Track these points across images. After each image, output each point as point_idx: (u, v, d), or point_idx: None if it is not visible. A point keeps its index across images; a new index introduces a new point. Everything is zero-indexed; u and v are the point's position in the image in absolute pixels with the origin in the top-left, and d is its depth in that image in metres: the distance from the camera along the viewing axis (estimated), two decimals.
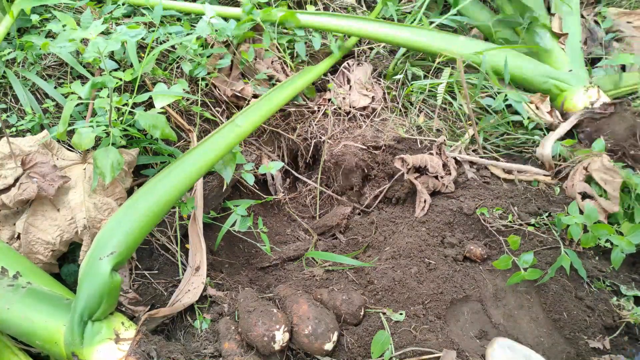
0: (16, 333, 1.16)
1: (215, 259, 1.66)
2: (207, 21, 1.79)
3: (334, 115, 2.06)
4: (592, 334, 1.36)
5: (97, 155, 1.30)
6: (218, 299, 1.41)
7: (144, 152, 1.63)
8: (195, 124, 1.77)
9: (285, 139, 2.07)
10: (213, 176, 1.70)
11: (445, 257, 1.53)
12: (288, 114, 2.06)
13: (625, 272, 1.52)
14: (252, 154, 1.89)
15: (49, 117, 1.58)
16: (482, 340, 1.38)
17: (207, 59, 1.84)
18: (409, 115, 2.08)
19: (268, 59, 2.03)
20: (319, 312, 1.26)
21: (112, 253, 1.17)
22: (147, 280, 1.44)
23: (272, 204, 2.03)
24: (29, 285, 1.19)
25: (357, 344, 1.29)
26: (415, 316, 1.37)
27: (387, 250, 1.61)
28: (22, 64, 1.68)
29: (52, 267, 1.35)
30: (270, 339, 1.19)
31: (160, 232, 1.56)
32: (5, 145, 1.34)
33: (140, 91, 1.72)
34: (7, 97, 1.61)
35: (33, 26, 1.78)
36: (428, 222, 1.67)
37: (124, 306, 1.31)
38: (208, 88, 1.90)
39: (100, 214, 1.34)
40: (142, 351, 1.12)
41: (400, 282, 1.47)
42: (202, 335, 1.31)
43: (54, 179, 1.31)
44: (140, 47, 1.86)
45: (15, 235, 1.31)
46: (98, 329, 1.15)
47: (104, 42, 1.21)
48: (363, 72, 2.18)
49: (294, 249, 1.78)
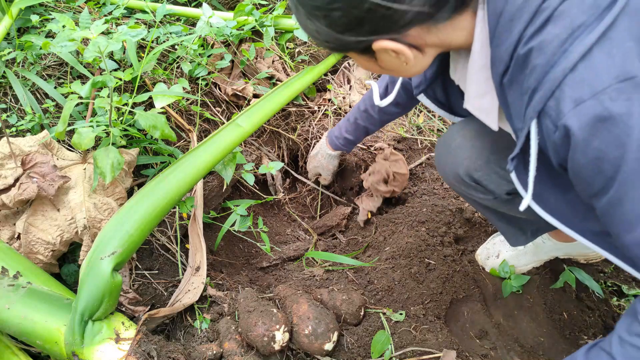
0: (16, 333, 1.16)
1: (215, 259, 1.66)
2: (206, 21, 1.80)
3: (335, 115, 2.06)
4: (593, 334, 1.36)
5: (97, 155, 1.30)
6: (218, 299, 1.41)
7: (144, 152, 1.62)
8: (195, 124, 1.77)
9: (285, 139, 2.07)
10: (213, 176, 1.70)
11: (445, 257, 1.53)
12: (288, 114, 2.06)
13: (626, 272, 1.52)
14: (252, 154, 1.89)
15: (49, 117, 1.58)
16: (482, 340, 1.38)
17: (207, 58, 1.84)
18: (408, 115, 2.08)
19: (268, 58, 2.03)
20: (319, 312, 1.26)
21: (113, 253, 1.17)
22: (147, 280, 1.44)
23: (272, 204, 2.03)
24: (29, 285, 1.19)
25: (357, 344, 1.29)
26: (415, 316, 1.37)
27: (387, 250, 1.61)
28: (22, 64, 1.68)
29: (52, 267, 1.35)
30: (270, 339, 1.19)
31: (160, 232, 1.56)
32: (5, 145, 1.34)
33: (140, 91, 1.72)
34: (7, 97, 1.61)
35: (33, 26, 1.78)
36: (428, 222, 1.67)
37: (124, 306, 1.31)
38: (208, 88, 1.90)
39: (100, 214, 1.34)
40: (142, 351, 1.12)
41: (400, 282, 1.47)
42: (202, 335, 1.31)
43: (54, 179, 1.31)
44: (140, 47, 1.86)
45: (15, 235, 1.31)
46: (98, 329, 1.15)
47: (105, 41, 1.21)
48: (363, 71, 2.18)
49: (294, 249, 1.78)
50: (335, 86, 2.12)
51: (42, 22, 1.78)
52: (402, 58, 0.80)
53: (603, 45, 0.64)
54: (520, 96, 0.75)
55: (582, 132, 0.66)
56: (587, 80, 0.65)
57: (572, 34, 0.66)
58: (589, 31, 0.65)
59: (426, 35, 0.78)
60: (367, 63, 0.87)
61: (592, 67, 0.64)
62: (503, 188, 1.12)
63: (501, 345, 1.33)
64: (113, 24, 1.85)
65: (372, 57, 0.83)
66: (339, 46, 0.81)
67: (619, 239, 0.73)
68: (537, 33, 0.69)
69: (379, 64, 0.85)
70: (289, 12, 2.00)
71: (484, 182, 1.14)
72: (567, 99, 0.66)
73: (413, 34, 0.77)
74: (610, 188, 0.68)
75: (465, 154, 1.15)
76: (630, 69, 0.63)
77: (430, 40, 0.80)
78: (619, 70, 0.63)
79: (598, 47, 0.64)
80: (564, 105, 0.67)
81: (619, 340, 0.77)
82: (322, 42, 0.82)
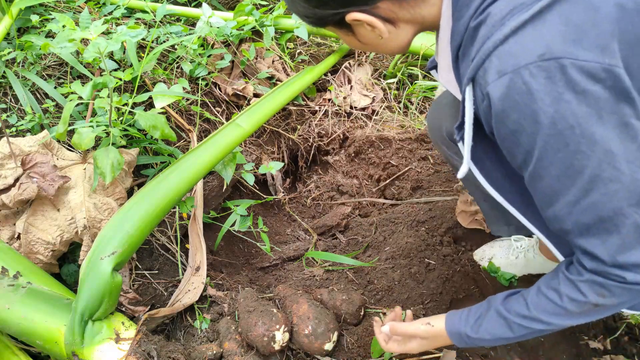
0: (16, 333, 1.16)
1: (215, 259, 1.66)
2: (206, 21, 1.80)
3: (335, 115, 2.06)
4: (593, 335, 1.36)
5: (97, 155, 1.30)
6: (218, 299, 1.41)
7: (144, 152, 1.62)
8: (195, 124, 1.77)
9: (285, 139, 2.07)
10: (213, 176, 1.70)
11: (444, 257, 1.53)
12: (288, 114, 2.06)
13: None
14: (252, 154, 1.89)
15: (49, 117, 1.58)
16: None
17: (207, 58, 1.84)
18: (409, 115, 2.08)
19: (269, 58, 2.03)
20: (319, 312, 1.26)
21: (113, 253, 1.17)
22: (147, 280, 1.44)
23: (272, 204, 2.03)
24: (29, 285, 1.20)
25: (357, 344, 1.29)
26: (415, 316, 1.37)
27: (387, 250, 1.61)
28: (22, 64, 1.68)
29: (52, 267, 1.35)
30: (270, 339, 1.19)
31: (160, 232, 1.56)
32: (5, 145, 1.34)
33: (140, 91, 1.71)
34: (7, 97, 1.61)
35: (33, 26, 1.78)
36: (428, 221, 1.67)
37: (124, 306, 1.31)
38: (208, 88, 1.90)
39: (100, 214, 1.34)
40: (142, 351, 1.12)
41: (400, 282, 1.47)
42: (202, 335, 1.31)
43: (54, 179, 1.31)
44: (140, 47, 1.86)
45: (15, 235, 1.31)
46: (98, 329, 1.15)
47: (105, 42, 1.21)
48: (364, 72, 2.18)
49: (294, 249, 1.78)
50: (336, 86, 2.12)
51: (42, 22, 1.78)
52: (377, 31, 0.84)
53: (536, 24, 0.67)
54: (466, 68, 0.78)
55: (502, 102, 0.69)
56: (513, 54, 0.67)
57: (512, 9, 0.69)
58: (527, 9, 0.67)
59: (398, 10, 0.82)
60: (348, 38, 0.90)
61: (521, 42, 0.67)
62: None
63: (501, 345, 1.33)
64: (113, 24, 1.85)
65: (350, 30, 0.87)
66: (318, 20, 0.86)
67: (543, 213, 0.78)
68: (488, 7, 0.73)
69: (358, 37, 0.89)
70: (289, 12, 2.00)
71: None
72: (492, 69, 0.69)
73: (384, 7, 0.81)
74: (530, 163, 0.72)
75: (451, 111, 1.18)
76: (556, 50, 0.64)
77: (402, 15, 0.83)
78: (544, 49, 0.65)
79: (531, 24, 0.67)
80: (489, 75, 0.70)
81: (536, 291, 0.85)
82: (304, 17, 0.87)
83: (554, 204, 0.74)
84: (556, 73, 0.65)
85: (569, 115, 0.65)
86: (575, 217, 0.73)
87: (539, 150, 0.70)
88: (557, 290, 0.81)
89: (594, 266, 0.75)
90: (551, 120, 0.66)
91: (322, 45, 2.20)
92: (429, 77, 2.13)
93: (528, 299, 0.86)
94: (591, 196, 0.70)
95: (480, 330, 0.91)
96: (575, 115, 0.65)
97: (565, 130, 0.66)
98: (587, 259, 0.76)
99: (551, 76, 0.65)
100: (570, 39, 0.65)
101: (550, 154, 0.69)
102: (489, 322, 0.90)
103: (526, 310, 0.85)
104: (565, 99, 0.65)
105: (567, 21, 0.65)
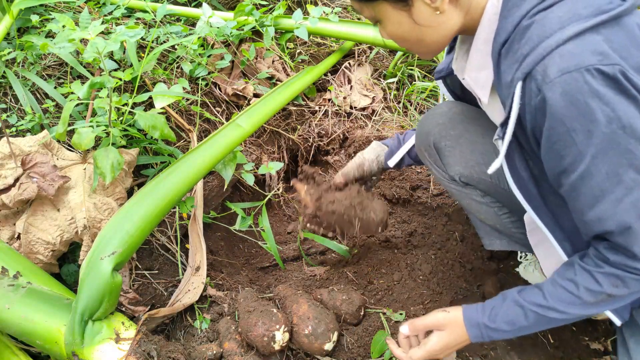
0: (16, 333, 1.16)
1: (215, 259, 1.66)
2: (206, 21, 1.79)
3: (335, 115, 2.06)
4: (595, 337, 1.36)
5: (97, 155, 1.30)
6: (218, 299, 1.41)
7: (144, 152, 1.62)
8: (195, 124, 1.77)
9: (285, 139, 2.07)
10: (213, 176, 1.70)
11: (444, 257, 1.53)
12: (288, 114, 2.06)
13: None
14: (252, 154, 1.89)
15: (49, 117, 1.58)
16: None
17: (207, 58, 1.84)
18: (409, 115, 2.08)
19: (269, 58, 2.03)
20: (319, 312, 1.26)
21: (113, 253, 1.17)
22: (147, 280, 1.44)
23: (272, 204, 2.03)
24: (29, 285, 1.20)
25: (357, 344, 1.29)
26: (415, 316, 1.37)
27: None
28: (22, 64, 1.68)
29: (52, 267, 1.35)
30: (270, 339, 1.19)
31: (160, 232, 1.56)
32: (5, 145, 1.34)
33: (140, 91, 1.71)
34: (7, 97, 1.61)
35: (33, 26, 1.78)
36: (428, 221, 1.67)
37: (124, 306, 1.31)
38: (208, 88, 1.90)
39: (100, 214, 1.34)
40: (142, 351, 1.12)
41: (400, 282, 1.47)
42: (202, 335, 1.31)
43: (54, 179, 1.31)
44: (140, 47, 1.86)
45: (15, 235, 1.31)
46: (98, 329, 1.15)
47: (103, 42, 1.21)
48: (364, 72, 2.18)
49: (294, 249, 1.78)
50: (336, 86, 2.12)
51: (42, 22, 1.78)
52: (438, 2, 0.84)
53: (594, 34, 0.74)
54: (511, 64, 0.82)
55: (563, 99, 0.73)
56: (576, 55, 0.73)
57: (571, 18, 0.75)
58: (585, 20, 0.74)
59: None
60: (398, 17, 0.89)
61: (582, 46, 0.73)
62: (457, 169, 1.15)
63: (501, 345, 1.33)
64: (113, 24, 1.85)
65: (406, 6, 0.87)
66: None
67: (583, 216, 0.82)
68: (543, 11, 0.78)
69: (413, 14, 0.88)
70: (289, 12, 2.00)
71: (445, 153, 1.17)
72: (554, 65, 0.74)
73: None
74: (581, 162, 0.76)
75: (442, 119, 1.20)
76: (612, 58, 0.72)
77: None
78: (604, 55, 0.72)
79: (590, 32, 0.74)
80: (551, 71, 0.74)
81: (552, 281, 0.91)
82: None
83: (599, 203, 0.78)
84: (614, 77, 0.72)
85: (622, 115, 0.72)
86: (620, 217, 0.77)
87: (595, 147, 0.74)
88: (574, 281, 0.87)
89: (619, 260, 0.81)
90: (607, 119, 0.72)
91: (322, 45, 2.20)
92: (429, 77, 2.13)
93: (544, 289, 0.91)
94: (634, 194, 0.76)
95: (497, 320, 0.95)
96: (627, 116, 0.73)
97: (618, 129, 0.73)
98: (612, 253, 0.81)
99: (610, 79, 0.72)
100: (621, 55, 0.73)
101: (603, 152, 0.74)
102: (505, 311, 0.94)
103: (543, 299, 0.90)
104: (620, 101, 0.72)
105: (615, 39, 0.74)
